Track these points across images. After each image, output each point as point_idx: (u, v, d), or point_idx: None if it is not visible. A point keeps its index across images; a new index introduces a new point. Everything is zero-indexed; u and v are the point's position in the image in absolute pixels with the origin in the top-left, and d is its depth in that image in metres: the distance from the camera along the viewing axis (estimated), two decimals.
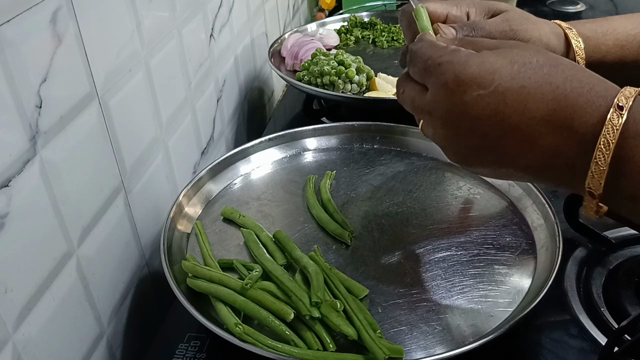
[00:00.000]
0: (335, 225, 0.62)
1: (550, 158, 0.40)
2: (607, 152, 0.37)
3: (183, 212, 0.64)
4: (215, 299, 0.53)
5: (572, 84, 0.39)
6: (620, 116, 0.37)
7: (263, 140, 0.75)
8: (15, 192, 0.43)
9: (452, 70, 0.41)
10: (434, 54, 0.43)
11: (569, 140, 0.39)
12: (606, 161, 0.37)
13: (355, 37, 1.15)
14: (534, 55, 0.41)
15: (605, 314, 0.55)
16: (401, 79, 0.48)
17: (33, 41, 0.45)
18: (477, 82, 0.40)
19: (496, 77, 0.40)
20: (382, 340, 0.48)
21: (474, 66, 0.40)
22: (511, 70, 0.40)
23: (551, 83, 0.39)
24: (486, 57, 0.41)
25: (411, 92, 0.46)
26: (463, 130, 0.42)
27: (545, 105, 0.39)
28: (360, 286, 0.54)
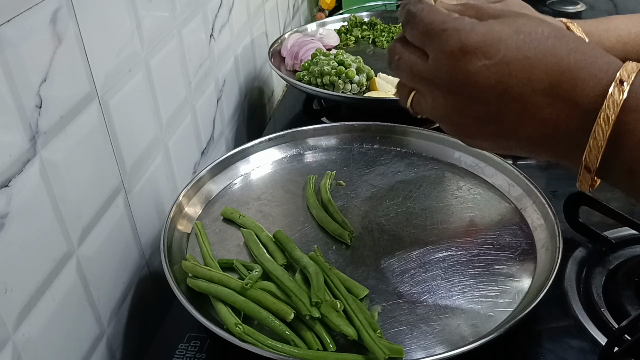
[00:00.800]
0: (335, 225, 0.62)
1: (551, 130, 0.40)
2: (606, 127, 0.37)
3: (183, 212, 0.64)
4: (215, 299, 0.53)
5: (576, 56, 0.39)
6: (622, 91, 0.37)
7: (263, 140, 0.75)
8: (15, 192, 0.43)
9: (457, 38, 0.40)
10: (436, 19, 0.41)
11: (571, 112, 0.39)
12: (605, 136, 0.37)
13: (355, 37, 1.15)
14: (539, 25, 0.40)
15: (605, 314, 0.55)
16: (396, 44, 0.45)
17: (33, 41, 0.45)
18: (483, 51, 0.39)
19: (502, 47, 0.39)
20: (382, 340, 0.48)
21: (480, 35, 0.40)
22: (517, 40, 0.39)
23: (555, 54, 0.39)
24: (492, 25, 0.40)
25: (410, 57, 0.43)
26: (465, 99, 0.41)
27: (549, 77, 0.39)
28: (360, 286, 0.54)
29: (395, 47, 0.45)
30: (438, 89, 0.42)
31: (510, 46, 0.39)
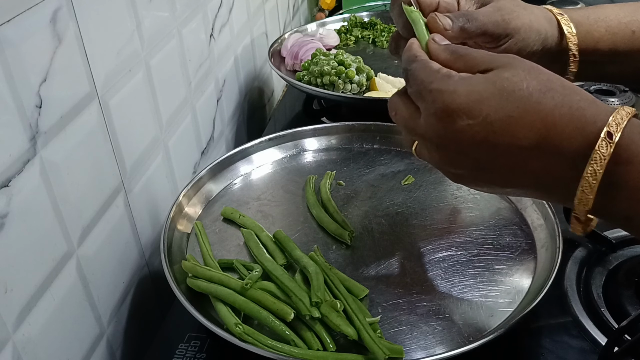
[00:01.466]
0: (335, 225, 0.62)
1: (544, 179, 0.41)
2: (593, 181, 0.38)
3: (183, 212, 0.64)
4: (215, 299, 0.53)
5: (562, 110, 0.39)
6: (609, 145, 0.38)
7: (263, 140, 0.75)
8: (15, 192, 0.43)
9: (441, 100, 0.41)
10: (425, 79, 0.43)
11: (560, 163, 0.40)
12: (593, 190, 0.38)
13: (355, 37, 1.15)
14: (524, 80, 0.41)
15: (605, 314, 0.55)
16: (395, 99, 0.47)
17: (33, 41, 0.45)
18: (466, 112, 0.41)
19: (484, 107, 0.40)
20: (382, 340, 0.48)
21: (463, 96, 0.41)
22: (500, 100, 0.40)
23: (540, 111, 0.39)
24: (475, 85, 0.41)
25: (405, 113, 0.46)
26: (456, 154, 0.43)
27: (534, 133, 0.39)
28: (361, 286, 0.54)
29: (393, 101, 0.47)
30: (431, 144, 0.44)
31: (493, 106, 0.40)
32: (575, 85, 0.42)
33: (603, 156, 0.38)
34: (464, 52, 0.45)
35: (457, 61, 0.45)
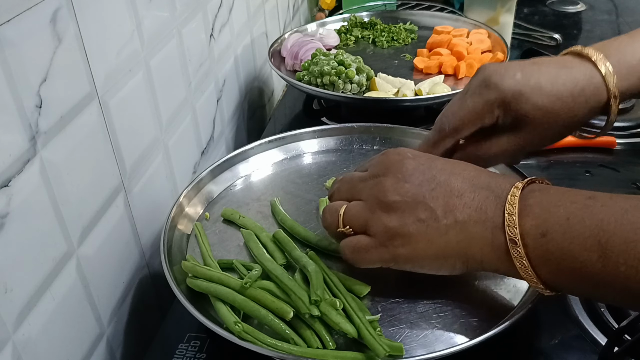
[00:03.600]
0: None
1: (477, 213, 0.47)
2: (533, 278, 0.45)
3: (184, 213, 0.64)
4: (214, 298, 0.53)
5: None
6: (518, 250, 0.44)
7: (263, 142, 0.75)
8: (15, 192, 0.43)
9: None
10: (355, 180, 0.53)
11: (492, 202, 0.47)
12: (529, 270, 0.44)
13: (355, 37, 1.15)
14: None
15: (605, 314, 0.55)
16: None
17: (33, 41, 0.45)
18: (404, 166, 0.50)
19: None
20: (382, 338, 0.48)
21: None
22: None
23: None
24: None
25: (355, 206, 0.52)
26: (396, 182, 0.49)
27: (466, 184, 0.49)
28: (362, 283, 0.54)
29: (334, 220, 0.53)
30: (372, 181, 0.51)
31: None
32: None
33: (520, 254, 0.44)
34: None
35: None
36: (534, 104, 0.53)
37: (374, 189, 0.50)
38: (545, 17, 1.37)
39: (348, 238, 0.52)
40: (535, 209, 0.44)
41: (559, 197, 0.44)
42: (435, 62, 0.99)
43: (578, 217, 0.41)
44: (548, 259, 0.43)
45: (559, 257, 0.42)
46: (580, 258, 0.41)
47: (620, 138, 0.83)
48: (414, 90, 0.90)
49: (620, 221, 0.40)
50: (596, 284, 0.41)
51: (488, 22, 1.13)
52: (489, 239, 0.45)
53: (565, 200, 0.43)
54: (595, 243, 0.40)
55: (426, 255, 0.48)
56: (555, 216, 0.42)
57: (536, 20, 1.35)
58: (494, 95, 0.54)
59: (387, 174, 0.50)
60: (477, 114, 0.55)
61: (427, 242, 0.47)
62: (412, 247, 0.48)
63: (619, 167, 0.78)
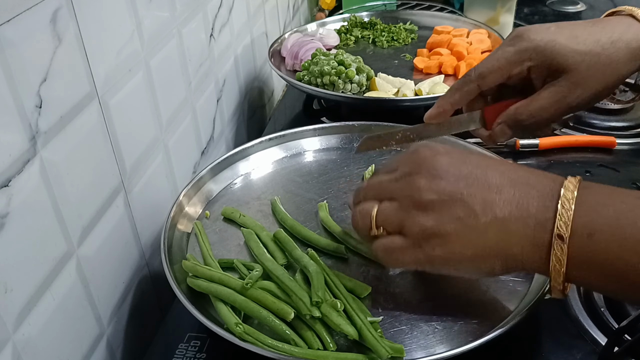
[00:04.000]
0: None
1: (517, 209, 0.44)
2: (559, 278, 0.42)
3: (183, 212, 0.64)
4: (215, 298, 0.53)
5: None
6: (562, 247, 0.41)
7: (263, 140, 0.75)
8: (15, 192, 0.43)
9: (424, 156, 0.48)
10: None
11: (533, 201, 0.44)
12: (560, 273, 0.42)
13: (355, 37, 1.15)
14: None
15: (605, 314, 0.55)
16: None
17: (33, 41, 0.45)
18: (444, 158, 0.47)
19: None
20: (383, 340, 0.48)
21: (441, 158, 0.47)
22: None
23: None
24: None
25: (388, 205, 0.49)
26: (430, 178, 0.46)
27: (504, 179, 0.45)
28: (363, 285, 0.54)
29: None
30: (404, 178, 0.48)
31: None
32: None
33: (560, 260, 0.41)
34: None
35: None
36: (571, 49, 0.51)
37: (407, 188, 0.47)
38: (545, 17, 1.37)
39: (381, 239, 0.49)
40: (582, 207, 0.41)
41: (607, 196, 0.41)
42: (435, 62, 0.99)
43: (629, 218, 0.39)
44: (592, 261, 0.40)
45: (604, 260, 0.40)
46: (630, 262, 0.38)
47: (620, 138, 0.83)
48: (414, 90, 0.90)
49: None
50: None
51: (488, 22, 1.13)
52: (531, 237, 0.42)
53: (614, 199, 0.41)
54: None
55: (464, 257, 0.45)
56: (604, 216, 0.40)
57: (536, 20, 1.35)
58: (526, 45, 0.52)
59: (420, 171, 0.47)
60: (506, 60, 0.53)
61: (466, 242, 0.45)
62: (450, 248, 0.45)
63: (619, 167, 0.78)
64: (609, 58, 0.51)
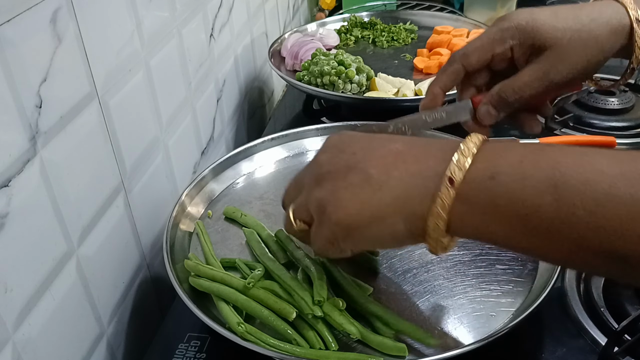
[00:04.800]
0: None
1: (416, 165, 0.42)
2: (440, 221, 0.39)
3: (186, 211, 0.64)
4: (217, 298, 0.53)
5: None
6: (449, 191, 0.39)
7: (266, 140, 0.75)
8: (15, 192, 0.43)
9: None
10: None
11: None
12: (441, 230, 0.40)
13: (355, 37, 1.15)
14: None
15: (605, 314, 0.55)
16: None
17: (33, 41, 0.45)
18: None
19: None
20: (385, 338, 0.48)
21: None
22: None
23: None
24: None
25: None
26: (331, 155, 0.45)
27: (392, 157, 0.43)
28: (364, 285, 0.54)
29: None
30: (310, 166, 0.47)
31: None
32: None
33: (446, 202, 0.39)
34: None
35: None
36: (551, 26, 0.52)
37: (311, 168, 0.47)
38: None
39: (304, 233, 0.48)
40: (485, 154, 0.39)
41: (511, 145, 0.40)
42: (435, 62, 0.99)
43: (532, 159, 0.38)
44: (496, 205, 0.38)
45: (508, 201, 0.37)
46: (531, 201, 0.37)
47: (620, 138, 0.83)
48: (414, 90, 0.89)
49: (578, 162, 0.36)
50: (547, 234, 0.37)
51: (488, 22, 1.13)
52: (430, 188, 0.39)
53: (518, 146, 0.40)
54: (550, 185, 0.36)
55: (362, 219, 0.42)
56: (507, 159, 0.38)
57: None
58: (508, 24, 0.53)
59: (325, 150, 0.46)
60: (488, 39, 0.54)
61: (361, 203, 0.42)
62: (345, 211, 0.42)
63: None
64: (589, 33, 0.52)
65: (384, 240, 0.44)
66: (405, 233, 0.42)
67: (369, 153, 0.43)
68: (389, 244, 0.46)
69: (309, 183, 0.46)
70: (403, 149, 0.43)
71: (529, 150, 0.39)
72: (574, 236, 0.36)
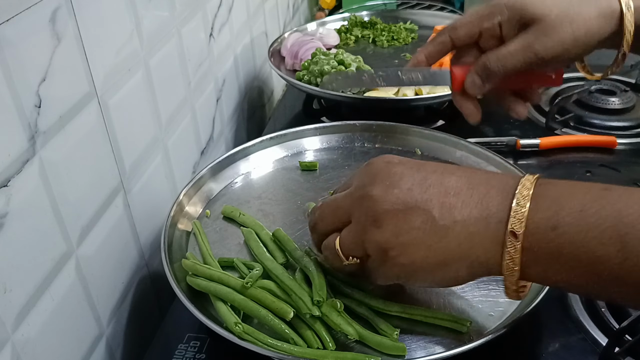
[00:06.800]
0: None
1: (479, 210, 0.42)
2: (512, 277, 0.42)
3: (184, 211, 0.64)
4: (215, 297, 0.53)
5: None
6: (514, 245, 0.40)
7: (264, 139, 0.75)
8: (15, 192, 0.43)
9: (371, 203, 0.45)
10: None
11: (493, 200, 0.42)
12: (515, 272, 0.41)
13: (355, 37, 1.15)
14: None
15: (605, 314, 0.55)
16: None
17: (32, 41, 0.45)
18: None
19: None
20: (384, 338, 0.48)
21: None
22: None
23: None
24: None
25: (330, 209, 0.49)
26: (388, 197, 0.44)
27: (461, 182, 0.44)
28: (363, 281, 0.54)
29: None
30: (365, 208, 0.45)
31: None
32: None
33: (514, 258, 0.40)
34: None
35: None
36: (540, 1, 0.53)
37: (361, 203, 0.45)
38: None
39: (357, 267, 0.48)
40: (544, 202, 0.40)
41: (570, 189, 0.40)
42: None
43: (593, 208, 0.38)
44: (559, 255, 0.39)
45: (571, 253, 0.38)
46: (596, 252, 0.37)
47: (620, 138, 0.83)
48: (414, 90, 0.89)
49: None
50: (612, 281, 0.37)
51: None
52: (492, 236, 0.41)
53: (578, 191, 0.40)
54: (614, 235, 0.36)
55: (427, 265, 0.43)
56: (568, 208, 0.38)
57: None
58: (498, 0, 0.55)
59: (374, 183, 0.45)
60: (477, 14, 0.56)
61: (426, 249, 0.43)
62: (411, 257, 0.43)
63: (619, 167, 0.78)
64: (577, 12, 0.53)
65: (447, 282, 0.45)
66: (466, 277, 0.44)
67: (426, 190, 0.43)
68: (451, 285, 0.47)
69: (363, 220, 0.45)
70: (461, 188, 0.43)
71: (589, 196, 0.39)
72: (638, 283, 0.37)
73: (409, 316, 0.51)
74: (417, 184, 0.44)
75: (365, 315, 0.51)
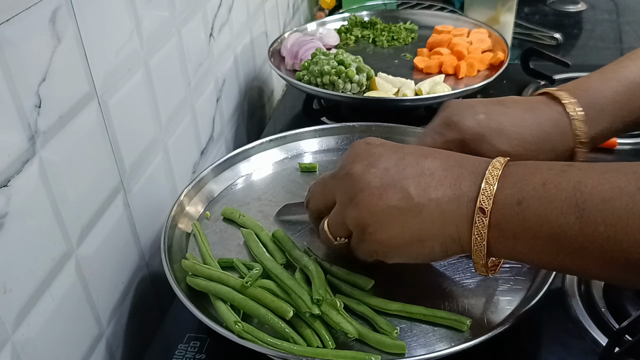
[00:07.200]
0: None
1: (452, 189, 0.45)
2: (480, 252, 0.43)
3: (184, 212, 0.64)
4: (214, 297, 0.53)
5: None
6: (482, 220, 0.42)
7: (264, 141, 0.75)
8: (14, 192, 0.43)
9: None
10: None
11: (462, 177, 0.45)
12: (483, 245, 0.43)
13: (355, 37, 1.15)
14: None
15: (606, 314, 0.55)
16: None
17: (32, 41, 0.45)
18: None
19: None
20: (384, 336, 0.48)
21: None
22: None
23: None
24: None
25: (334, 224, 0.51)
26: (367, 166, 0.47)
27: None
28: (365, 278, 0.54)
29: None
30: (344, 173, 0.48)
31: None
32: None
33: (482, 233, 0.42)
34: None
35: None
36: (494, 147, 0.53)
37: (342, 182, 0.48)
38: (546, 16, 1.37)
39: (345, 245, 0.51)
40: (510, 179, 0.42)
41: (535, 168, 0.43)
42: (436, 61, 0.99)
43: (554, 181, 0.40)
44: (524, 229, 0.41)
45: (535, 224, 0.40)
46: (557, 222, 0.39)
47: (621, 138, 0.83)
48: (414, 90, 0.89)
49: (598, 181, 0.38)
50: (576, 251, 0.39)
51: (488, 21, 1.13)
52: (464, 214, 0.43)
53: (542, 168, 0.42)
54: (573, 205, 0.39)
55: (403, 241, 0.46)
56: (531, 183, 0.41)
57: (537, 19, 1.35)
58: (454, 136, 0.54)
59: (354, 162, 0.48)
60: (434, 146, 0.55)
61: (402, 226, 0.45)
62: (387, 233, 0.46)
63: None
64: (533, 157, 0.53)
65: (422, 258, 0.48)
66: (440, 254, 0.46)
67: (403, 170, 0.46)
68: (425, 261, 0.48)
69: (343, 200, 0.48)
70: (436, 169, 0.45)
71: (552, 172, 0.41)
72: (600, 251, 0.38)
73: (408, 315, 0.51)
74: (395, 164, 0.46)
75: (365, 313, 0.51)
